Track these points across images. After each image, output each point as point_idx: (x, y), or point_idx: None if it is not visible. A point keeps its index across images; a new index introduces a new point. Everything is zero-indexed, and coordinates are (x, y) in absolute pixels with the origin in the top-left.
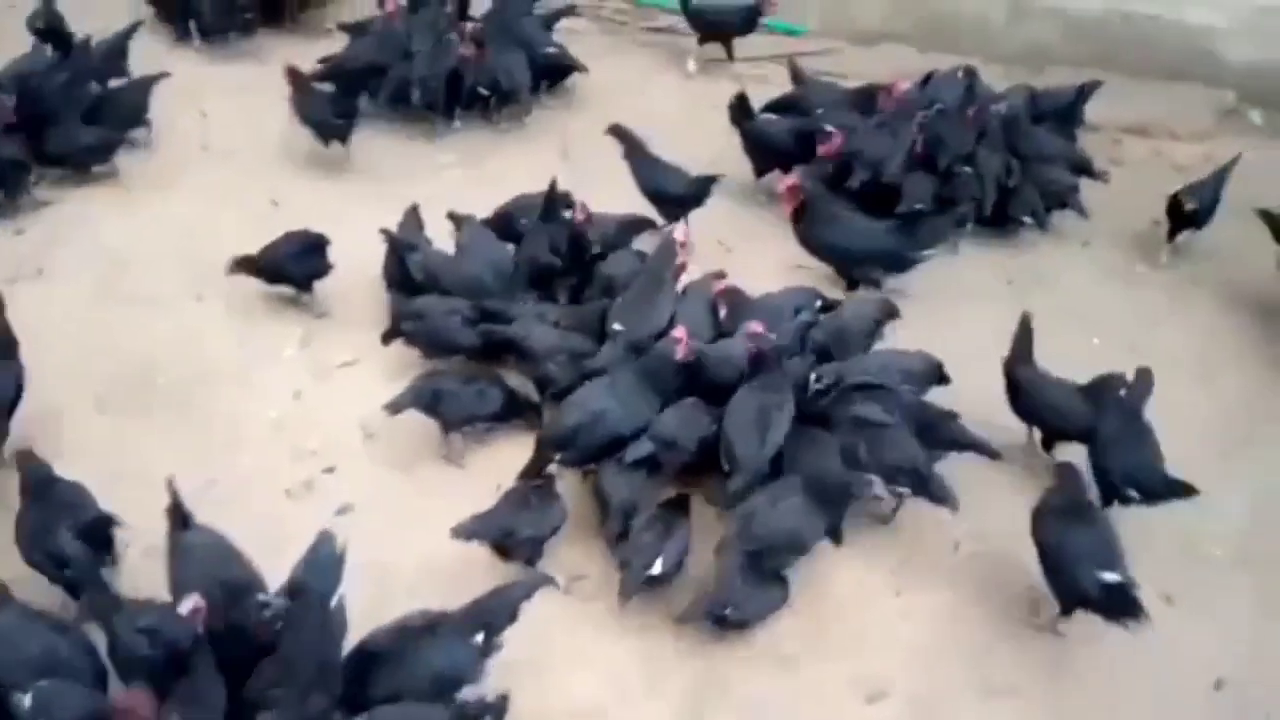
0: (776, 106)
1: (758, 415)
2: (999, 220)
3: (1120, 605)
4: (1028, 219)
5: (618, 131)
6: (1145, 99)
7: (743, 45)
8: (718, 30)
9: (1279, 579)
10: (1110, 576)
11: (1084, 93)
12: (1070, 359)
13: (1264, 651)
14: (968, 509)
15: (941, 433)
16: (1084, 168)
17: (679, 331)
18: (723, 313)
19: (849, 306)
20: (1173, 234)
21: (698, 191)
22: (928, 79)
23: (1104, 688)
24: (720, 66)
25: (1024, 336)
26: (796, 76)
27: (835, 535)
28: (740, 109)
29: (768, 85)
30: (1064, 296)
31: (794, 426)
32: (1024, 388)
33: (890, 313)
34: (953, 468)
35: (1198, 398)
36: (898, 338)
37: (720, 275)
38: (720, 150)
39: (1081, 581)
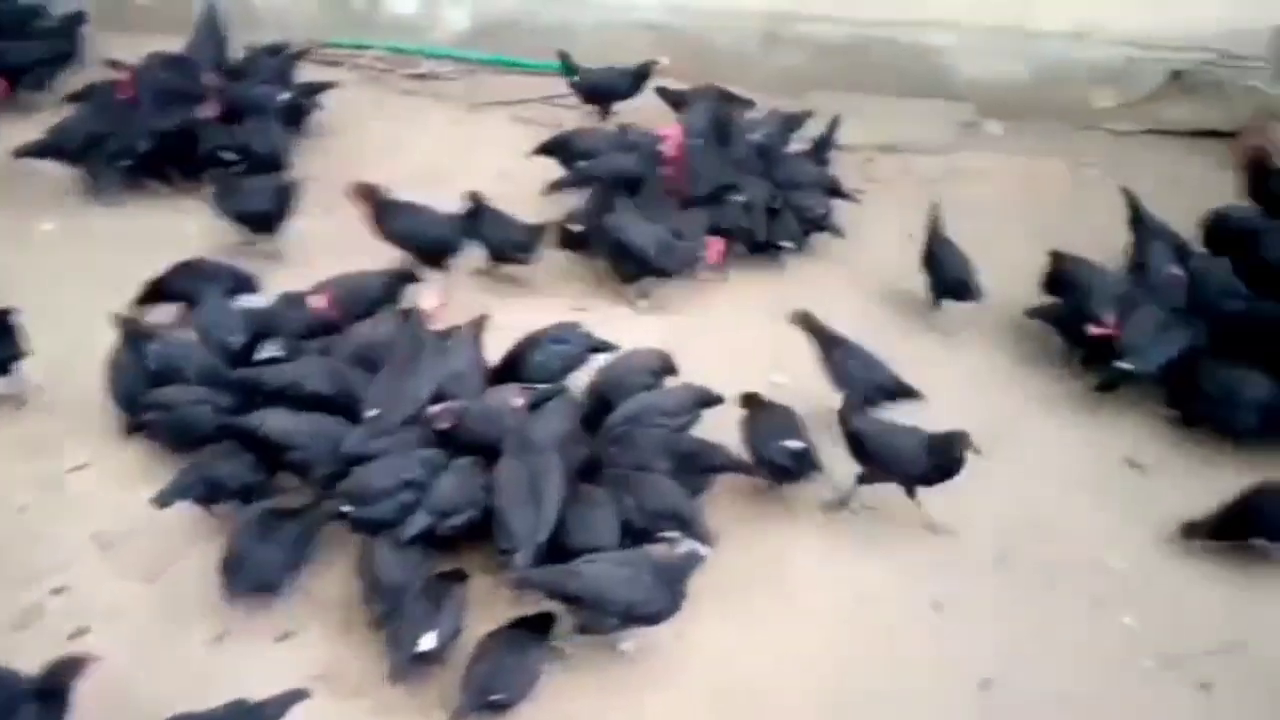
0: (546, 149)
1: (529, 485)
2: (762, 246)
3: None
4: (788, 243)
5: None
6: (892, 117)
7: (513, 86)
8: (605, 96)
9: (1038, 581)
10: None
11: (834, 122)
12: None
13: (1026, 650)
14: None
15: (703, 460)
16: (836, 190)
17: (436, 408)
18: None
19: (626, 358)
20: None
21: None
22: (679, 106)
23: (876, 691)
24: (489, 109)
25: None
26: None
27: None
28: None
29: (538, 127)
30: (829, 314)
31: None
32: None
33: (668, 366)
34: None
35: (962, 406)
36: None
37: (482, 321)
38: (494, 193)
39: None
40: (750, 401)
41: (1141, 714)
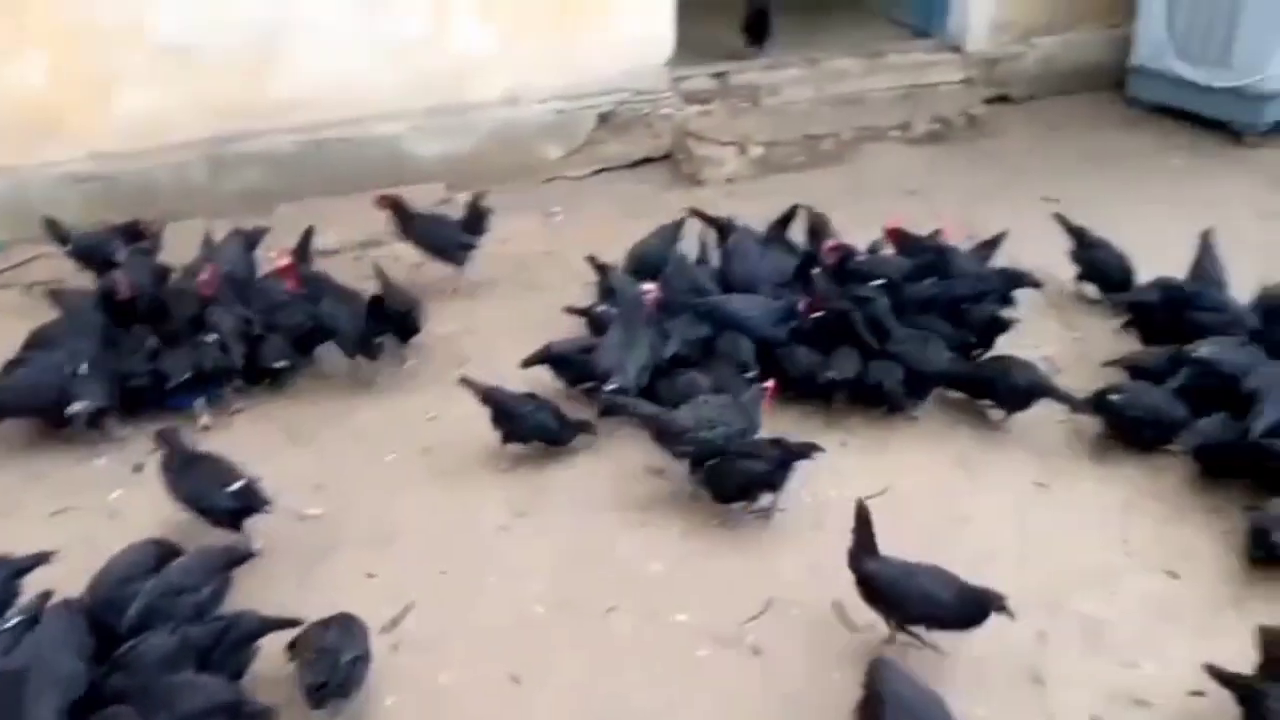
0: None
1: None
2: (261, 375)
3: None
4: (282, 363)
5: None
6: (368, 211)
7: None
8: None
9: (597, 608)
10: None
11: (307, 232)
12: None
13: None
14: None
15: (237, 633)
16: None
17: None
18: None
19: (196, 556)
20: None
21: None
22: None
23: None
24: None
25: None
26: None
27: None
28: None
29: None
30: (358, 427)
31: None
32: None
33: (235, 560)
34: None
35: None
36: None
37: None
38: None
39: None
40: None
41: (715, 696)
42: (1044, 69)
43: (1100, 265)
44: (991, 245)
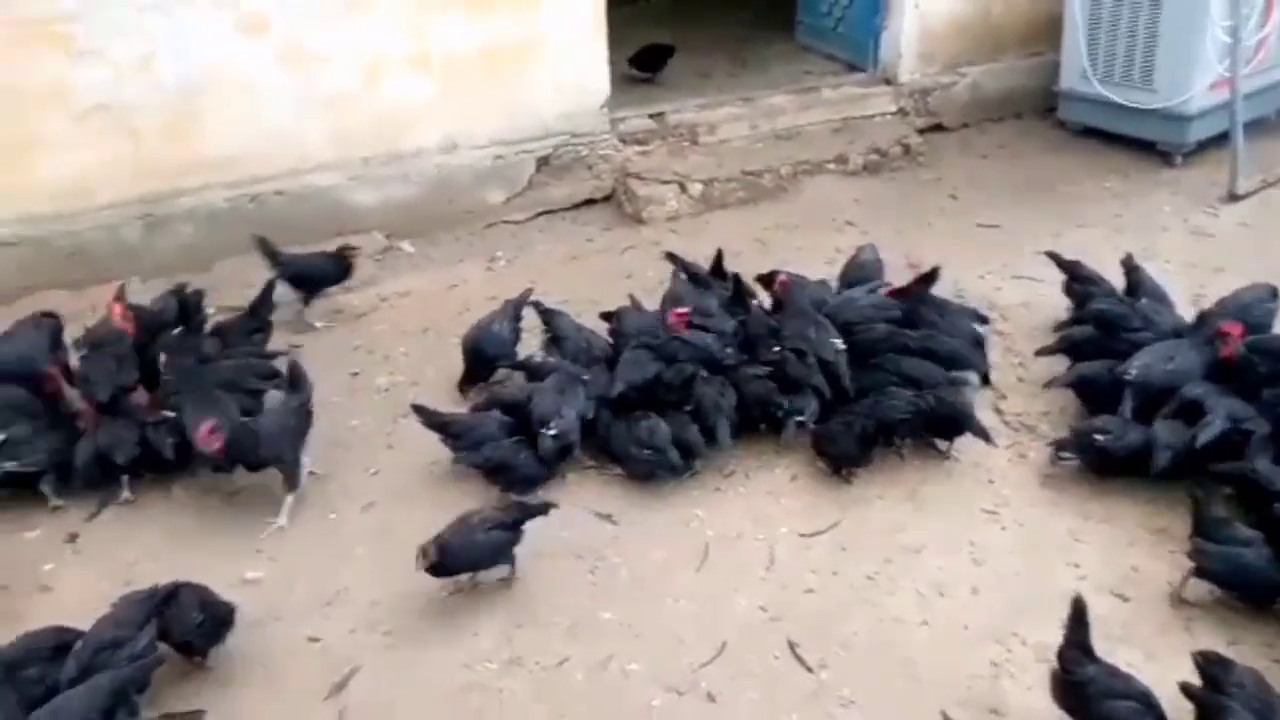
0: None
1: None
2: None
3: None
4: None
5: None
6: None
7: None
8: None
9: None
10: None
11: (269, 285)
12: None
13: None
14: None
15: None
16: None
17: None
18: None
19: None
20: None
21: None
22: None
23: None
24: None
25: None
26: None
27: None
28: None
29: None
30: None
31: None
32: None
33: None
34: None
35: None
36: None
37: None
38: None
39: None
40: None
41: None
42: (974, 97)
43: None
44: (929, 280)
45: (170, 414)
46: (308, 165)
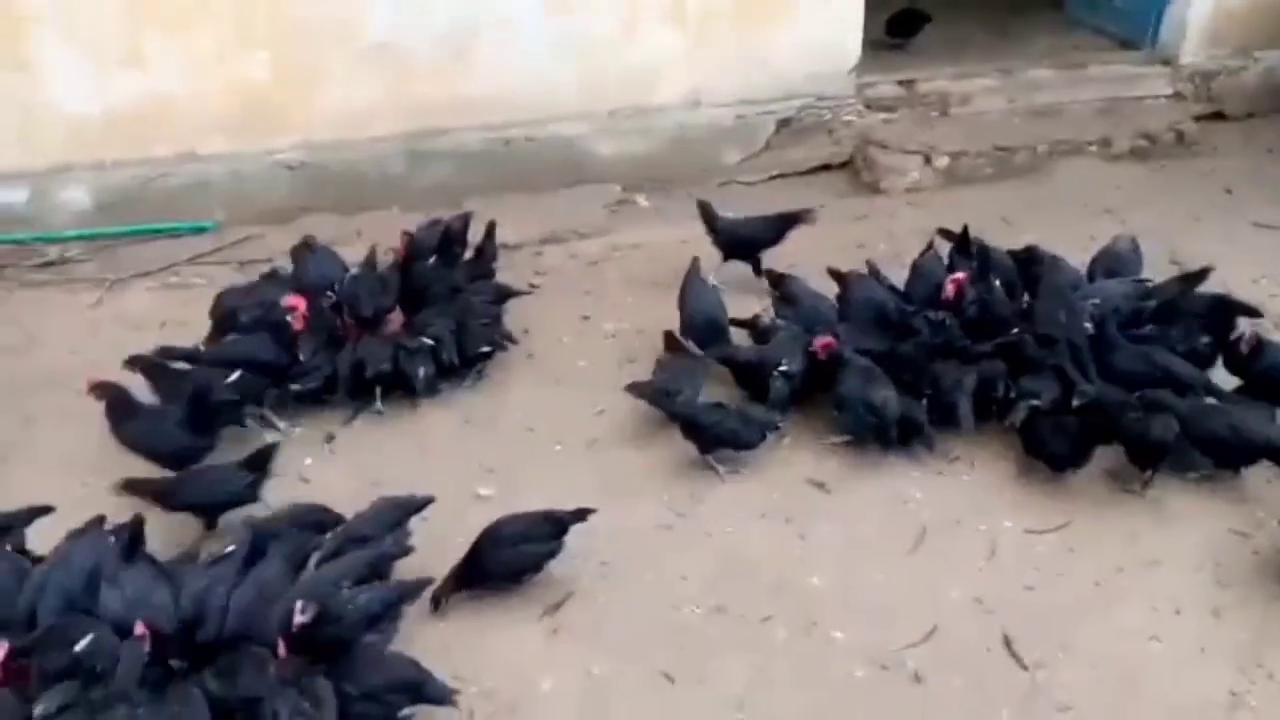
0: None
1: None
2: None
3: None
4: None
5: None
6: (547, 209)
7: (152, 254)
8: (748, 247)
9: (753, 616)
10: None
11: (490, 226)
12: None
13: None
14: None
15: None
16: (506, 294)
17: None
18: None
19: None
20: None
21: None
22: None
23: None
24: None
25: None
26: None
27: None
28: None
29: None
30: (529, 417)
31: None
32: None
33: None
34: None
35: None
36: None
37: None
38: None
39: None
40: None
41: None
42: (1266, 84)
43: None
44: (1198, 278)
45: (427, 341)
46: (557, 113)
